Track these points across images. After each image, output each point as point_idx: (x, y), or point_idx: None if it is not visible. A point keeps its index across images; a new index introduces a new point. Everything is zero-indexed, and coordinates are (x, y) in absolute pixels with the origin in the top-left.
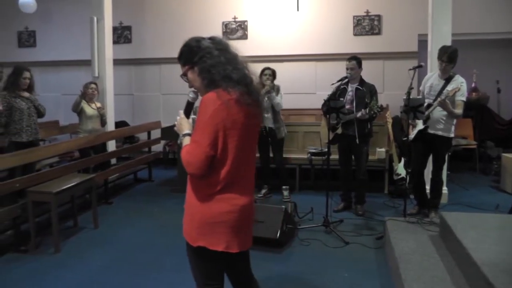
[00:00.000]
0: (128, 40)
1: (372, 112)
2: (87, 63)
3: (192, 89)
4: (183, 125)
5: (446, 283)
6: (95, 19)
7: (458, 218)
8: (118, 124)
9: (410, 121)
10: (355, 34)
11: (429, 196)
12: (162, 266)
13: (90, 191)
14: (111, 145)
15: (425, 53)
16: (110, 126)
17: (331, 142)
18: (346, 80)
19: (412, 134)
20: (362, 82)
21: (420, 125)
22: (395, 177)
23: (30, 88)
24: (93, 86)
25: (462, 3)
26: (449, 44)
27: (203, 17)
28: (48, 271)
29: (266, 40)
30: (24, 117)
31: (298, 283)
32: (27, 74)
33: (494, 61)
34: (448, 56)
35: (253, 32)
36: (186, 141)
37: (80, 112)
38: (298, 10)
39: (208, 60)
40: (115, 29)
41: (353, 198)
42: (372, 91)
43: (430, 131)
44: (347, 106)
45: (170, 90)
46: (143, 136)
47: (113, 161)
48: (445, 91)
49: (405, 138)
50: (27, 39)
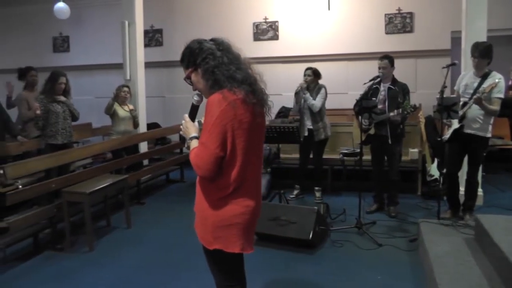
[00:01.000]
0: (159, 43)
1: (405, 112)
2: (119, 67)
3: (196, 92)
4: (189, 129)
5: None
6: (127, 23)
7: (495, 221)
8: (150, 126)
9: (444, 121)
10: (387, 33)
11: (464, 198)
12: (193, 266)
13: (123, 192)
14: (143, 147)
15: (458, 51)
16: (142, 128)
17: (364, 143)
18: (378, 80)
19: (447, 134)
20: (395, 81)
21: (456, 125)
22: (428, 178)
23: (66, 92)
24: (126, 89)
25: None
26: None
27: (234, 19)
28: (82, 269)
29: (297, 40)
30: (60, 120)
31: (331, 285)
32: (63, 79)
33: None
34: (480, 52)
35: (284, 33)
36: (194, 144)
37: (113, 114)
38: (329, 9)
39: (211, 61)
40: (146, 32)
41: (386, 200)
42: (405, 91)
43: (466, 131)
44: (380, 106)
45: None
46: (175, 138)
47: (145, 162)
48: (481, 88)
49: (439, 139)
50: (61, 44)
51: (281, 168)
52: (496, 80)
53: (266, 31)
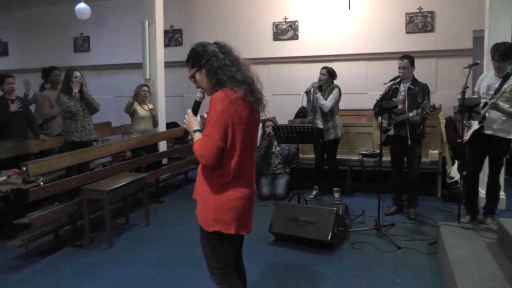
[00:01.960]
0: (179, 43)
1: (425, 112)
2: (139, 66)
3: (200, 90)
4: (192, 122)
5: None
6: (147, 23)
7: None
8: (169, 125)
9: (465, 122)
10: (408, 32)
11: (485, 201)
12: None
13: (142, 190)
14: (163, 146)
15: (480, 50)
16: (162, 127)
17: (383, 144)
18: (399, 80)
19: (467, 135)
20: (415, 82)
21: (476, 126)
22: (448, 181)
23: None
24: (145, 89)
25: None
26: (508, 40)
27: (253, 19)
28: (102, 265)
29: (317, 40)
30: (79, 118)
31: (349, 287)
32: (77, 73)
33: None
34: (500, 55)
35: (304, 32)
36: (197, 136)
37: (133, 113)
38: (350, 9)
39: (215, 63)
40: (166, 32)
41: (405, 201)
42: (425, 91)
43: (487, 132)
44: (399, 106)
45: None
46: None
47: (164, 161)
48: (502, 89)
49: (460, 140)
50: (82, 44)
51: (300, 168)
52: None
53: (286, 31)
